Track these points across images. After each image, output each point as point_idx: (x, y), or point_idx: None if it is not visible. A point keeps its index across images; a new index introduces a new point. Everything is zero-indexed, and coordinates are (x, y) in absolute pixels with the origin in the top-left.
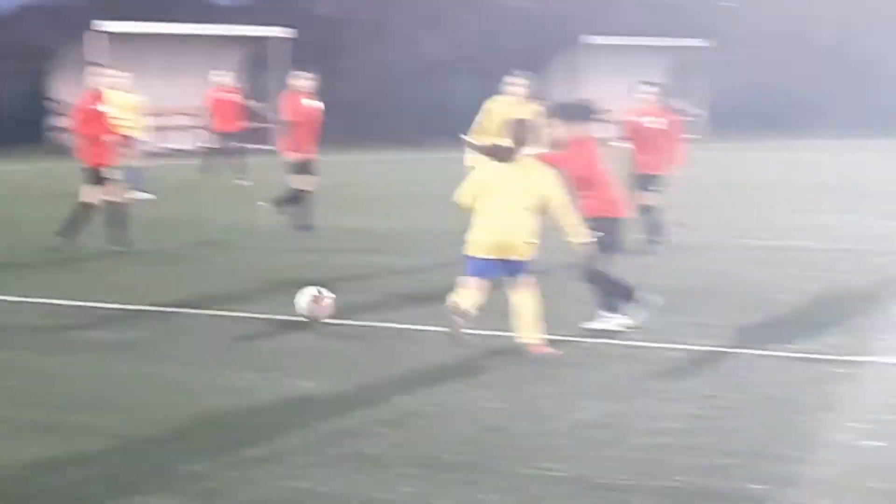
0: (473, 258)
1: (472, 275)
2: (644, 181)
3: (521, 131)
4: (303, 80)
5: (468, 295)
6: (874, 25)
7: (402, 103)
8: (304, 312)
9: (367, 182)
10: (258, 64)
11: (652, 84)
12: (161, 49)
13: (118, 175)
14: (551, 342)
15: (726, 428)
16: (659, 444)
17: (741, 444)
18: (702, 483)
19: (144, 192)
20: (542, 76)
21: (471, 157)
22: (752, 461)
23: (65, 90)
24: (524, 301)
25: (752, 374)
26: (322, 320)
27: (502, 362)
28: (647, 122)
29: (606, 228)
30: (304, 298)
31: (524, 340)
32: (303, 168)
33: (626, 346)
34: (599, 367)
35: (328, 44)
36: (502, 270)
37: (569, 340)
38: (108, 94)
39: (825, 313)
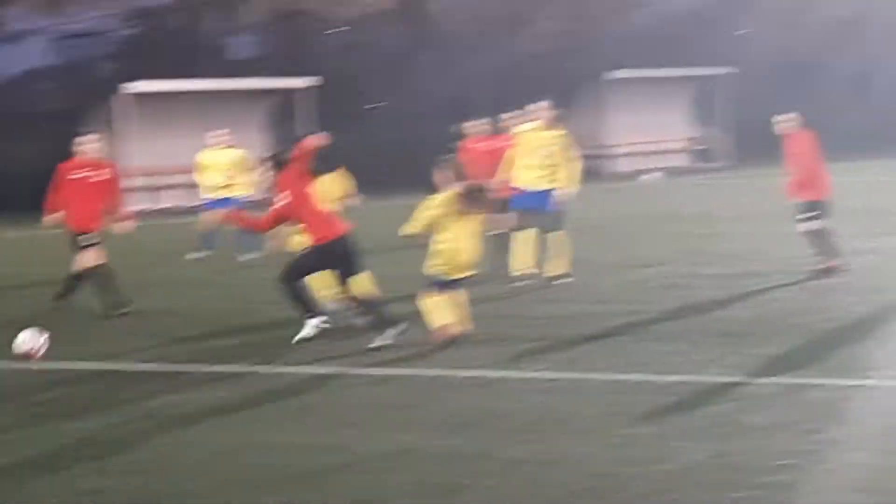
0: (452, 280)
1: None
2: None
3: (456, 169)
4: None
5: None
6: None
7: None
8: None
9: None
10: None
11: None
12: (187, 107)
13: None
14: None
15: (842, 462)
16: (775, 483)
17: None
18: None
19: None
20: (567, 112)
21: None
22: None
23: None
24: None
25: (852, 405)
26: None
27: (584, 406)
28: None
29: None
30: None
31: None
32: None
33: (710, 382)
34: (687, 406)
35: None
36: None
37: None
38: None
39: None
